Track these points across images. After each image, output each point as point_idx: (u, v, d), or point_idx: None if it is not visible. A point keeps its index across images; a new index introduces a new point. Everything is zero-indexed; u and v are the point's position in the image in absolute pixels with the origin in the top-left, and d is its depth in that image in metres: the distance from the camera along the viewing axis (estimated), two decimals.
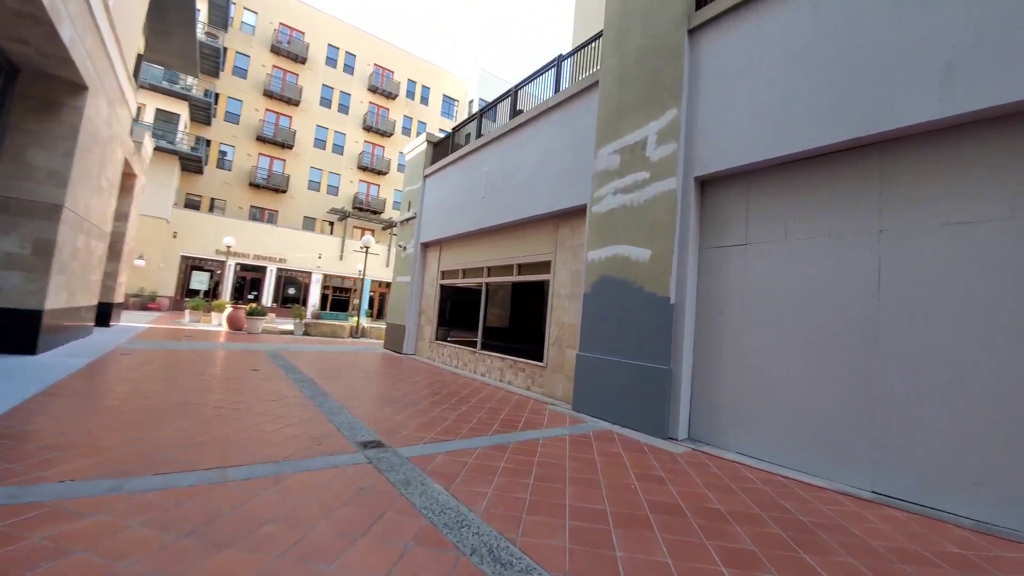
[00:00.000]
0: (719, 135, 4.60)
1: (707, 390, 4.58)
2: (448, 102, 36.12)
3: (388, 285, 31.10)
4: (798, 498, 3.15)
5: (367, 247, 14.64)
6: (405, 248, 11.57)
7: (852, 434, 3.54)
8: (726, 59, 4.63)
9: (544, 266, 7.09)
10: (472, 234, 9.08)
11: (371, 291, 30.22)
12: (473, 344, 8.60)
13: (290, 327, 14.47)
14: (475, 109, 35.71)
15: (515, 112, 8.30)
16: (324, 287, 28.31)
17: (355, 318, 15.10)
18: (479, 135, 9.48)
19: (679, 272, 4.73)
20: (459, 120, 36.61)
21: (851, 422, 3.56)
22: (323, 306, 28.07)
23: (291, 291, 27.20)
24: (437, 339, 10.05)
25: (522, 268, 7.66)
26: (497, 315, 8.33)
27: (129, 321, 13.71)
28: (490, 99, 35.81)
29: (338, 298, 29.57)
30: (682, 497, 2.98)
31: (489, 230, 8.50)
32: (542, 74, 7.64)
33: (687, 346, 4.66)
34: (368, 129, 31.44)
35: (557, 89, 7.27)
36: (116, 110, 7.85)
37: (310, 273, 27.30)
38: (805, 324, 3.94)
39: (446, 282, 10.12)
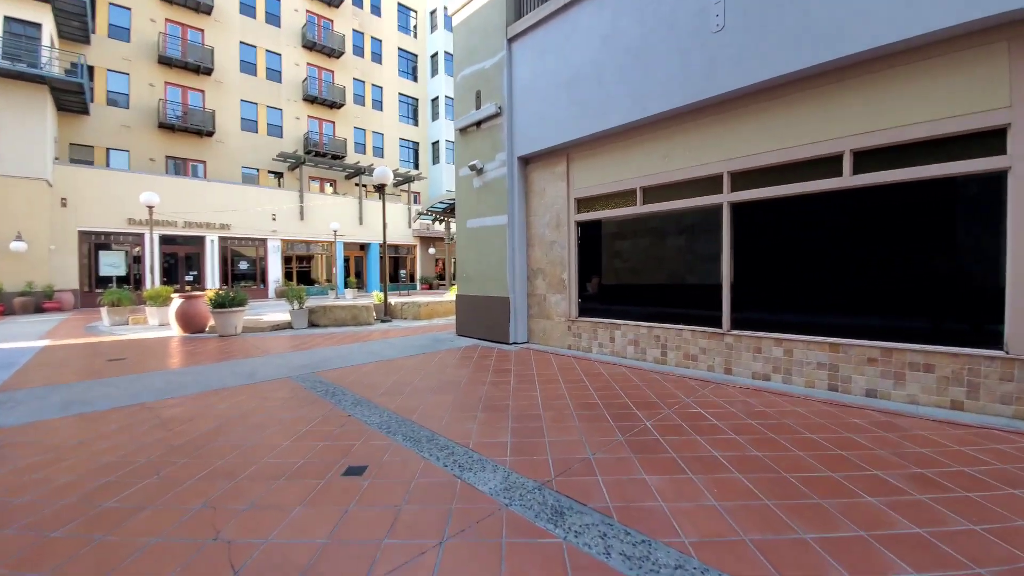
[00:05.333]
0: None
1: None
2: (404, 12, 29.09)
3: (362, 247, 25.59)
4: None
5: (382, 185, 9.67)
6: (481, 170, 7.03)
7: None
8: None
9: (973, 143, 3.14)
10: (673, 116, 4.84)
11: (343, 255, 24.73)
12: (711, 321, 4.65)
13: (284, 317, 9.60)
14: (439, 21, 28.90)
15: None
16: (285, 256, 22.50)
17: (377, 293, 10.44)
18: None
19: None
20: (420, 37, 29.75)
21: None
22: (289, 281, 22.44)
23: (243, 266, 21.24)
24: (582, 315, 5.97)
25: (864, 158, 3.66)
26: (755, 260, 4.38)
27: (15, 336, 8.32)
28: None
29: (301, 269, 23.86)
30: None
31: (741, 95, 4.31)
32: None
33: None
34: (311, 48, 24.31)
35: None
36: None
37: (264, 240, 21.36)
38: None
39: (593, 216, 5.89)
